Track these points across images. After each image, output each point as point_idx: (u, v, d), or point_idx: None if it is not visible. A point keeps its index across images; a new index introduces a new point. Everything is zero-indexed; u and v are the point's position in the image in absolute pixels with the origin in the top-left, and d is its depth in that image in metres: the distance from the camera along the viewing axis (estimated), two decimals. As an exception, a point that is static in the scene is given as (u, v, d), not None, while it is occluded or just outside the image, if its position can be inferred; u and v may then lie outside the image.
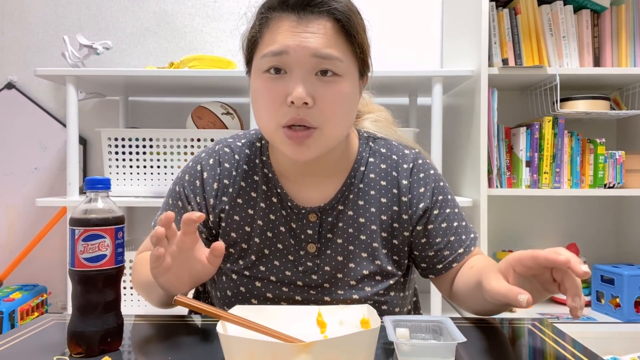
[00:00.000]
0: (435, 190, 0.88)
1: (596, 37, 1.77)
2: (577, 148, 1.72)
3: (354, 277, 0.85)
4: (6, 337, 0.72)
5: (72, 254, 0.65)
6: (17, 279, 2.00)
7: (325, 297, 0.84)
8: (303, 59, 0.73)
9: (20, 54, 2.05)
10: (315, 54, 0.73)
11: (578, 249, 1.92)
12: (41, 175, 2.06)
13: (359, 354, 0.57)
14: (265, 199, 0.86)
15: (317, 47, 0.73)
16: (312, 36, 0.73)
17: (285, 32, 0.73)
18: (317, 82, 0.74)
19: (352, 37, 0.76)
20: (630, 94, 1.86)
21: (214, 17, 2.06)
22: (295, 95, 0.72)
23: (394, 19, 2.06)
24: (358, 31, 0.77)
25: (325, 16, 0.74)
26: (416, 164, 0.88)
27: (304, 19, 0.73)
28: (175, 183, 0.91)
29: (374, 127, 0.95)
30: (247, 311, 0.67)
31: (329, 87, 0.74)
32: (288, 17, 0.74)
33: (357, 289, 0.84)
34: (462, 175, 1.80)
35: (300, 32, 0.73)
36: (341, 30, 0.75)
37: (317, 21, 0.74)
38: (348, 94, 0.76)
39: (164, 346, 0.69)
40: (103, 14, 2.06)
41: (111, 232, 0.65)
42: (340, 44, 0.75)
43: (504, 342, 0.74)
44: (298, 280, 0.85)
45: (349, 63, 0.76)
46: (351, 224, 0.86)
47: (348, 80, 0.76)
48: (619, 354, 1.47)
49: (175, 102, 2.08)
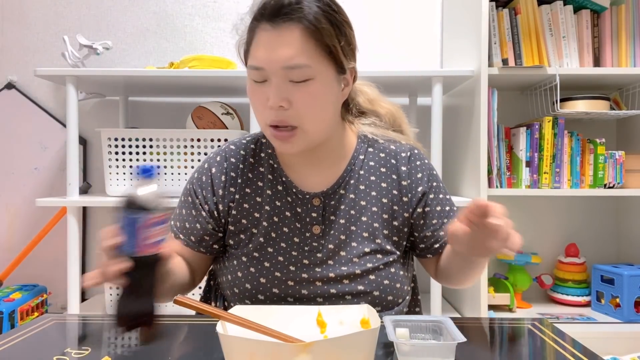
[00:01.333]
0: (431, 177, 0.98)
1: (596, 37, 1.77)
2: (577, 148, 1.72)
3: (356, 254, 0.92)
4: (6, 337, 0.72)
5: (133, 239, 0.66)
6: (17, 279, 2.00)
7: (329, 273, 0.91)
8: (276, 72, 0.82)
9: (20, 54, 2.05)
10: (284, 67, 0.81)
11: (578, 249, 1.92)
12: (41, 176, 2.06)
13: (359, 354, 0.57)
14: (271, 187, 0.95)
15: (285, 60, 0.81)
16: (283, 47, 0.81)
17: (262, 47, 0.83)
18: (291, 87, 0.83)
19: (320, 40, 0.83)
20: (630, 94, 1.86)
21: (214, 17, 2.06)
22: (271, 101, 0.82)
23: (394, 19, 2.06)
24: (329, 34, 0.83)
25: (296, 23, 0.82)
26: (412, 152, 0.99)
27: (276, 28, 0.82)
28: (188, 182, 1.01)
29: (370, 130, 1.01)
30: (247, 311, 0.67)
31: (301, 89, 0.83)
32: (265, 27, 0.83)
33: (359, 265, 0.91)
34: (462, 175, 1.80)
35: (274, 45, 0.82)
36: (311, 36, 0.82)
37: (288, 29, 0.82)
38: (321, 92, 0.84)
39: (163, 346, 0.69)
40: (103, 14, 2.06)
41: (167, 216, 0.69)
42: (309, 49, 0.82)
43: (504, 342, 0.74)
44: (304, 259, 0.91)
45: (319, 65, 0.83)
46: (353, 206, 0.94)
47: (320, 80, 0.84)
48: (619, 354, 1.47)
49: (175, 102, 2.08)
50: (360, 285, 0.90)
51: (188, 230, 0.96)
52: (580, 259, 1.89)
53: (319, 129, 0.87)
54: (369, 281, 0.90)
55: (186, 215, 0.97)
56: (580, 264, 1.88)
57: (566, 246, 1.94)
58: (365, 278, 0.90)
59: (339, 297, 0.90)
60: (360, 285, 0.90)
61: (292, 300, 0.91)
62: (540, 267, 1.97)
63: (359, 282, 0.90)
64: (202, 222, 0.95)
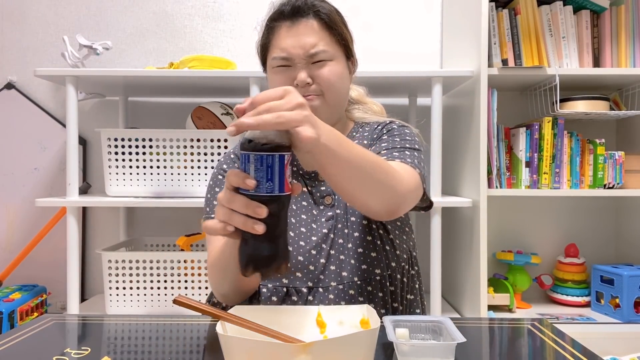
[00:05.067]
0: (394, 125, 1.07)
1: (596, 38, 1.77)
2: (577, 148, 1.72)
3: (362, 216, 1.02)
4: (6, 337, 0.72)
5: (281, 179, 0.63)
6: (16, 279, 2.00)
7: (345, 229, 1.01)
8: (301, 58, 0.98)
9: (19, 54, 2.05)
10: (308, 53, 0.98)
11: (578, 249, 1.92)
12: (41, 176, 2.06)
13: (359, 354, 0.57)
14: None
15: (309, 46, 0.98)
16: (304, 36, 0.98)
17: (285, 38, 0.99)
18: (313, 67, 0.99)
19: (333, 30, 1.00)
20: (630, 95, 1.87)
21: (213, 17, 2.06)
22: (299, 79, 0.97)
23: (394, 19, 2.06)
24: (338, 25, 1.01)
25: (312, 17, 0.99)
26: (392, 120, 1.10)
27: (295, 22, 0.99)
28: (213, 175, 1.08)
29: (362, 114, 1.15)
30: (247, 311, 0.67)
31: (322, 68, 0.99)
32: (284, 23, 1.00)
33: (367, 219, 1.01)
34: (461, 176, 1.80)
35: (296, 35, 0.98)
36: (325, 26, 1.00)
37: (308, 23, 0.99)
38: (338, 71, 1.00)
39: (163, 346, 0.69)
40: (103, 14, 2.06)
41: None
42: (325, 36, 1.00)
43: (504, 343, 0.74)
44: (323, 229, 1.00)
45: (334, 50, 1.00)
46: None
47: (336, 62, 1.00)
48: (619, 354, 1.48)
49: (175, 103, 2.08)
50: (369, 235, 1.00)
51: None
52: (579, 259, 1.89)
53: (337, 103, 1.02)
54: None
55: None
56: (580, 264, 1.88)
57: (566, 246, 1.94)
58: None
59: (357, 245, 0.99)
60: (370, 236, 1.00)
61: (313, 269, 0.97)
62: (540, 268, 1.97)
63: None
64: None
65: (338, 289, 0.96)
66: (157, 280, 1.66)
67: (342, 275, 0.97)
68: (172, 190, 1.69)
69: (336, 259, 0.99)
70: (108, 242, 2.00)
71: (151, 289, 1.66)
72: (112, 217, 2.05)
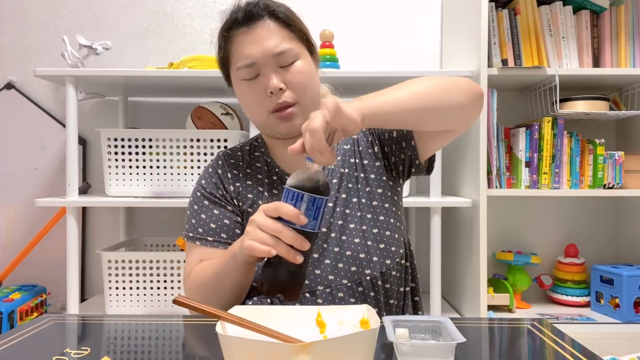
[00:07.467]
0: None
1: (595, 38, 1.77)
2: (577, 148, 1.72)
3: (365, 199, 1.02)
4: (5, 337, 0.72)
5: (322, 219, 0.73)
6: (16, 279, 2.00)
7: (332, 233, 0.99)
8: (267, 62, 0.95)
9: (19, 54, 2.05)
10: (274, 54, 0.94)
11: (577, 249, 1.92)
12: (41, 176, 2.06)
13: (359, 354, 0.57)
14: (269, 177, 1.06)
15: (273, 48, 0.94)
16: (265, 39, 0.94)
17: (246, 45, 0.95)
18: (282, 71, 0.95)
19: (292, 27, 0.97)
20: (630, 95, 1.87)
21: (213, 17, 2.06)
22: (271, 86, 0.93)
23: (393, 19, 2.06)
24: (296, 21, 0.99)
25: (268, 18, 0.96)
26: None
27: (252, 27, 0.96)
28: (196, 190, 1.07)
29: None
30: (247, 311, 0.67)
31: (291, 70, 0.96)
32: (240, 30, 0.96)
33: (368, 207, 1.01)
34: (461, 176, 1.80)
35: (256, 39, 0.95)
36: (283, 24, 0.97)
37: (264, 25, 0.95)
38: (307, 69, 0.98)
39: (163, 346, 0.69)
40: (103, 14, 2.06)
41: None
42: (286, 35, 0.96)
43: (504, 343, 0.74)
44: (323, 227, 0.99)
45: (298, 47, 0.97)
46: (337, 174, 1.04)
47: (303, 59, 0.98)
48: (619, 354, 1.48)
49: (174, 103, 2.08)
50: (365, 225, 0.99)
51: (216, 230, 1.01)
52: (579, 259, 1.89)
53: (312, 103, 0.98)
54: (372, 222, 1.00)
55: (208, 218, 1.02)
56: (580, 264, 1.88)
57: (566, 246, 1.94)
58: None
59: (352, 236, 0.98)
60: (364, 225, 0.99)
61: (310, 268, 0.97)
62: (540, 268, 1.97)
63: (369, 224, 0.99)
64: (230, 216, 1.02)
65: (326, 293, 0.95)
66: (157, 280, 1.66)
67: (328, 279, 0.95)
68: (172, 190, 1.69)
69: (321, 263, 0.96)
70: (108, 242, 1.99)
71: (151, 289, 1.66)
72: (111, 217, 2.05)
